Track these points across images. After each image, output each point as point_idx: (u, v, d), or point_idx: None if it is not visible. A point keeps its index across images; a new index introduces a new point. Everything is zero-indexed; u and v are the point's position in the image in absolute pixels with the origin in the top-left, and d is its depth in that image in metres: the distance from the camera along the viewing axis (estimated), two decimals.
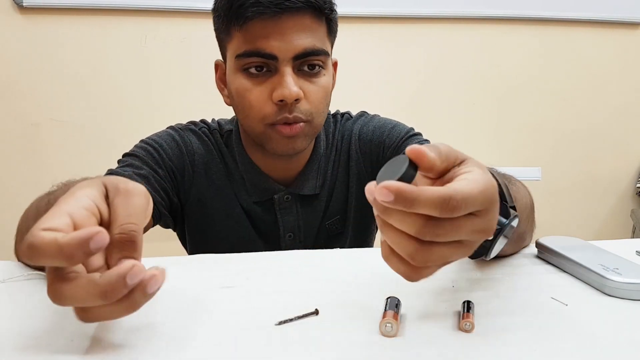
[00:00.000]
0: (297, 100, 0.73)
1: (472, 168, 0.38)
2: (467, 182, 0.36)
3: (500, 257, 0.62)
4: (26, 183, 1.72)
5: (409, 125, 0.91)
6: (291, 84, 0.72)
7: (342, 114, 0.93)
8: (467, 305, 0.45)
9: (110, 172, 0.77)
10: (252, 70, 0.74)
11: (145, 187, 0.76)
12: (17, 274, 0.53)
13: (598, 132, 1.99)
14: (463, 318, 0.43)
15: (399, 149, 0.85)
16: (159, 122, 0.86)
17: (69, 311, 0.45)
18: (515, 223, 0.46)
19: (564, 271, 0.59)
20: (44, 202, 0.56)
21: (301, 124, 0.75)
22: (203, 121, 0.90)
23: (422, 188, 0.34)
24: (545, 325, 0.44)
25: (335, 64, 0.88)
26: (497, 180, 0.46)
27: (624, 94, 1.98)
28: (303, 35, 0.73)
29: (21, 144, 1.72)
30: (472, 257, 0.44)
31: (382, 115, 0.94)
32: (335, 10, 0.79)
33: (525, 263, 0.63)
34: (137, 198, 0.39)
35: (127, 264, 0.35)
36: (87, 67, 1.72)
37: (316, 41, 0.74)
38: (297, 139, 0.76)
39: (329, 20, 0.78)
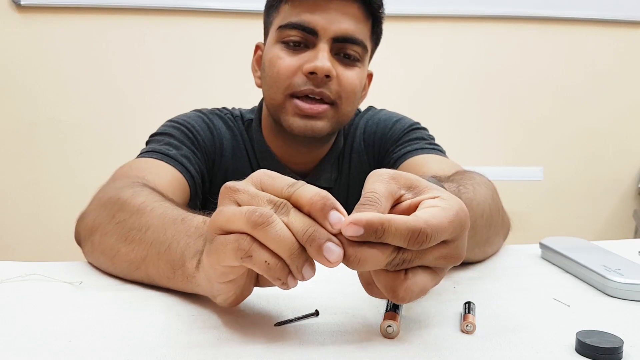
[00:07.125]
0: (328, 77, 0.73)
1: (440, 193, 0.37)
2: (438, 211, 0.35)
3: (474, 262, 0.61)
4: (23, 183, 1.71)
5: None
6: (325, 58, 0.73)
7: None
8: (469, 307, 0.45)
9: (150, 150, 0.74)
10: (291, 43, 0.75)
11: (189, 168, 0.75)
12: (16, 275, 0.53)
13: (600, 132, 1.98)
14: (464, 319, 0.42)
15: (400, 141, 0.85)
16: (158, 122, 0.85)
17: (66, 312, 0.45)
18: None
19: (567, 272, 0.59)
20: (179, 219, 0.50)
21: (325, 106, 0.75)
22: (225, 108, 0.89)
23: (392, 218, 0.33)
24: (547, 327, 0.43)
25: (370, 76, 0.88)
26: None
27: (626, 93, 1.97)
28: (347, 21, 0.75)
29: (18, 144, 1.72)
30: None
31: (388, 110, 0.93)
32: (383, 16, 0.80)
33: (529, 264, 0.63)
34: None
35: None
36: (85, 67, 1.72)
37: (358, 31, 0.76)
38: (318, 120, 0.75)
39: (375, 23, 0.79)
